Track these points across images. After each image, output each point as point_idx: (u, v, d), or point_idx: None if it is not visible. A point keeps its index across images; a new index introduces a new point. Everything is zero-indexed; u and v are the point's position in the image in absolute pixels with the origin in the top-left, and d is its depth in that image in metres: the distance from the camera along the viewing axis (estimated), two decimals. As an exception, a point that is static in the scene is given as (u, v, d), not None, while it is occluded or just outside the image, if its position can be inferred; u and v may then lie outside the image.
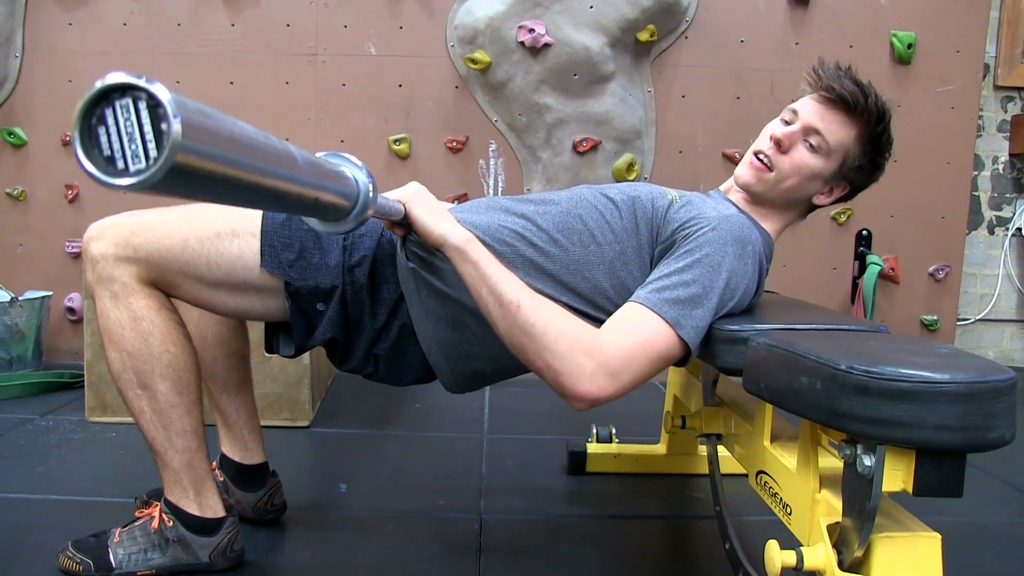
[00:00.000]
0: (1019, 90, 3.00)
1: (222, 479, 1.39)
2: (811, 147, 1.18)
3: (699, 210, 1.15)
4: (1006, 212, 3.09)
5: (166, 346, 1.13)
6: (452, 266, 1.04)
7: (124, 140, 0.49)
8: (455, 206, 1.24)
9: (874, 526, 0.79)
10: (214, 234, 1.13)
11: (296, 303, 1.15)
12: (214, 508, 1.20)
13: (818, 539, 0.87)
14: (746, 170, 1.24)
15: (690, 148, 2.75)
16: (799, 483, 0.96)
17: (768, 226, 1.25)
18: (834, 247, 2.83)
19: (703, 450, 1.76)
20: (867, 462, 0.78)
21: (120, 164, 0.49)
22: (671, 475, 1.77)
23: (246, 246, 1.14)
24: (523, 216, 1.17)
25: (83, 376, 2.07)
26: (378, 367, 1.20)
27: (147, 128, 0.48)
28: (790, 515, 0.98)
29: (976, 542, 1.47)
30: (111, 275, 1.11)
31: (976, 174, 3.02)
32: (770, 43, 2.71)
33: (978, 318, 3.12)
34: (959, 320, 3.04)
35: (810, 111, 1.19)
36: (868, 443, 0.78)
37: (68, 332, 2.76)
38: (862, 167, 1.21)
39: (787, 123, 1.21)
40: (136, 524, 1.21)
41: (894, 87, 2.72)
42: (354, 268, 1.16)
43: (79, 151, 0.49)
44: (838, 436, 0.84)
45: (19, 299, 2.47)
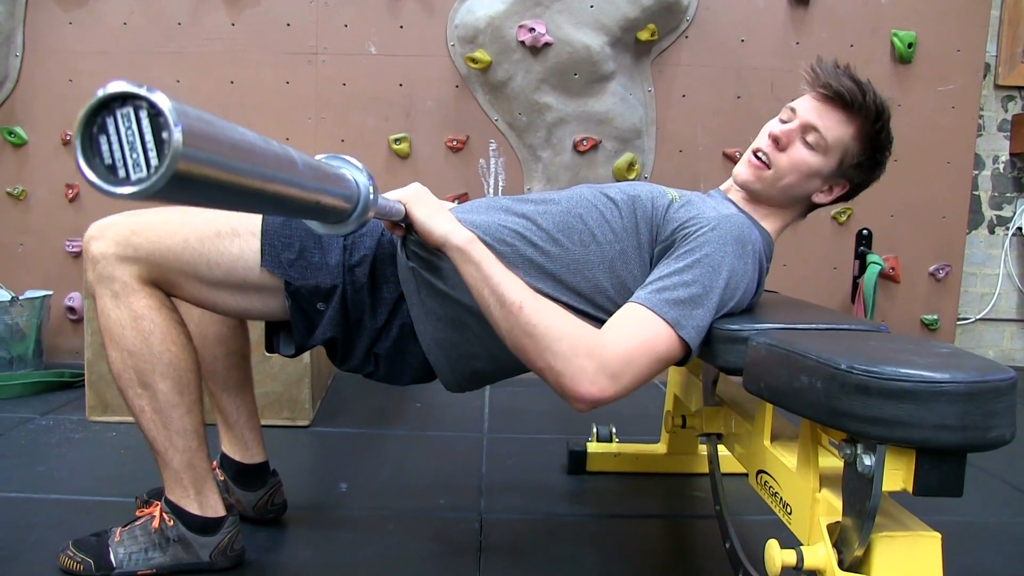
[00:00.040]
0: (1019, 89, 3.00)
1: (223, 478, 1.39)
2: (809, 144, 1.18)
3: (699, 210, 1.15)
4: (1006, 211, 3.09)
5: (167, 345, 1.13)
6: (453, 266, 1.04)
7: (125, 149, 0.49)
8: (456, 206, 1.24)
9: (874, 525, 0.79)
10: (214, 233, 1.13)
11: (296, 302, 1.15)
12: (215, 507, 1.20)
13: (818, 538, 0.88)
14: (744, 168, 1.24)
15: (690, 147, 2.75)
16: (799, 482, 0.96)
17: (768, 225, 1.25)
18: (834, 246, 2.82)
19: (703, 449, 1.76)
20: (867, 461, 0.78)
21: (121, 173, 0.49)
22: (671, 474, 1.77)
23: (246, 245, 1.14)
24: (523, 216, 1.17)
25: (83, 375, 2.07)
26: (378, 366, 1.20)
27: (148, 137, 0.48)
28: (790, 514, 0.99)
29: (976, 541, 1.47)
30: (112, 274, 1.11)
31: (976, 173, 3.02)
32: (770, 42, 2.71)
33: (978, 317, 3.12)
34: (959, 320, 3.04)
35: (808, 109, 1.19)
36: (868, 442, 0.78)
37: (68, 331, 2.77)
38: (861, 164, 1.21)
39: (785, 122, 1.21)
40: (137, 523, 1.22)
41: (895, 86, 2.72)
42: (354, 267, 1.16)
43: (80, 160, 0.49)
44: (838, 435, 0.84)
45: (19, 298, 2.47)
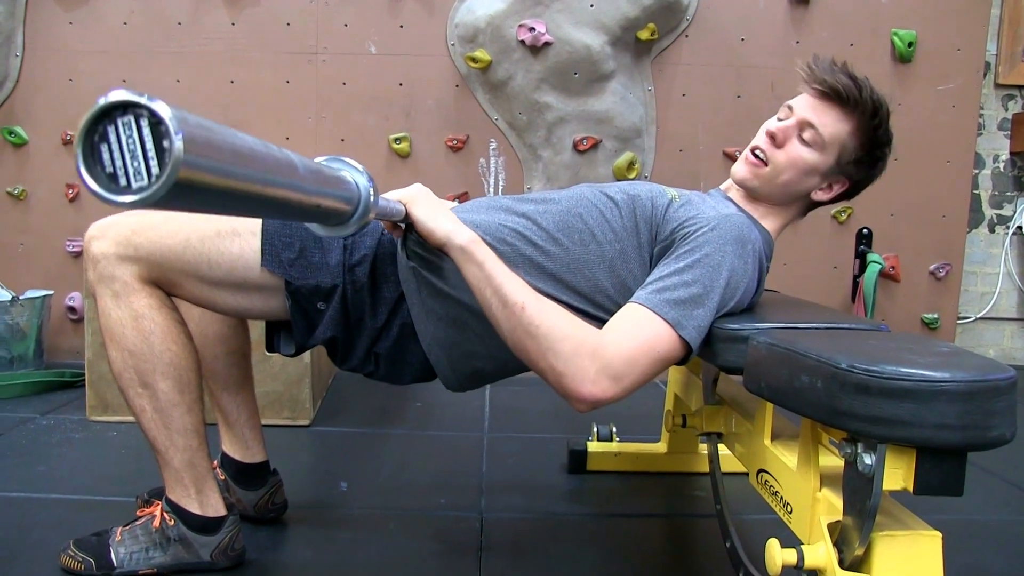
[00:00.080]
0: (1020, 88, 3.00)
1: (223, 478, 1.39)
2: (806, 141, 1.18)
3: (698, 209, 1.15)
4: (1007, 210, 3.09)
5: (167, 345, 1.13)
6: (454, 266, 1.04)
7: (126, 157, 0.49)
8: (456, 205, 1.24)
9: (875, 525, 0.79)
10: (215, 233, 1.13)
11: (297, 302, 1.15)
12: (215, 507, 1.20)
13: (819, 538, 0.88)
14: (742, 166, 1.24)
15: (690, 147, 2.75)
16: (800, 482, 0.96)
17: (768, 224, 1.25)
18: (835, 246, 2.82)
19: (704, 449, 1.76)
20: (868, 461, 0.78)
21: (123, 181, 0.49)
22: (672, 473, 1.77)
23: (247, 245, 1.14)
24: (524, 215, 1.17)
25: (84, 375, 2.07)
26: (379, 366, 1.20)
27: (149, 145, 0.48)
28: (791, 514, 0.99)
29: (977, 541, 1.47)
30: (112, 274, 1.11)
31: (977, 172, 3.02)
32: (771, 41, 2.71)
33: (979, 316, 3.12)
34: (960, 318, 3.04)
35: (804, 106, 1.19)
36: (869, 442, 0.78)
37: (69, 331, 2.77)
38: (860, 161, 1.20)
39: (782, 120, 1.22)
40: (137, 523, 1.22)
41: (895, 85, 2.72)
42: (355, 267, 1.16)
43: (82, 168, 0.49)
44: (839, 435, 0.84)
45: (20, 298, 2.47)
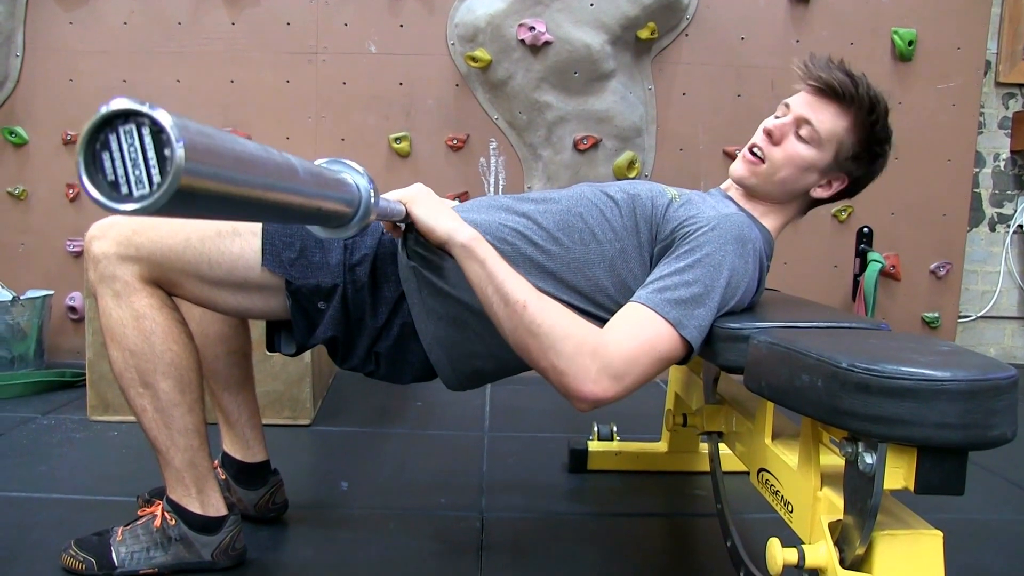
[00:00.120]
0: (1020, 87, 3.00)
1: (224, 477, 1.39)
2: (803, 138, 1.19)
3: (698, 209, 1.15)
4: (1007, 209, 3.09)
5: (168, 345, 1.13)
6: (455, 264, 1.04)
7: (128, 165, 0.49)
8: (457, 205, 1.24)
9: (875, 524, 0.79)
10: (215, 233, 1.13)
11: (297, 302, 1.15)
12: (216, 506, 1.20)
13: (820, 537, 0.88)
14: (740, 164, 1.25)
15: (691, 146, 2.75)
16: (800, 481, 0.96)
17: (768, 223, 1.25)
18: (835, 244, 2.82)
19: (704, 448, 1.76)
20: (868, 460, 0.78)
21: (124, 189, 0.49)
22: (672, 473, 1.77)
23: (247, 245, 1.14)
24: (524, 215, 1.17)
25: (85, 375, 2.07)
26: (379, 365, 1.20)
27: (150, 154, 0.48)
28: (791, 513, 0.99)
29: (978, 540, 1.47)
30: (113, 274, 1.11)
31: (977, 171, 3.02)
32: (771, 41, 2.71)
33: (979, 315, 3.12)
34: (960, 317, 3.04)
35: (800, 102, 1.20)
36: (869, 441, 0.78)
37: (69, 331, 2.77)
38: (859, 157, 1.21)
39: (780, 118, 1.22)
40: (138, 522, 1.22)
41: (895, 84, 2.72)
42: (355, 267, 1.16)
43: (83, 176, 0.49)
44: (839, 434, 0.84)
45: (20, 298, 2.47)
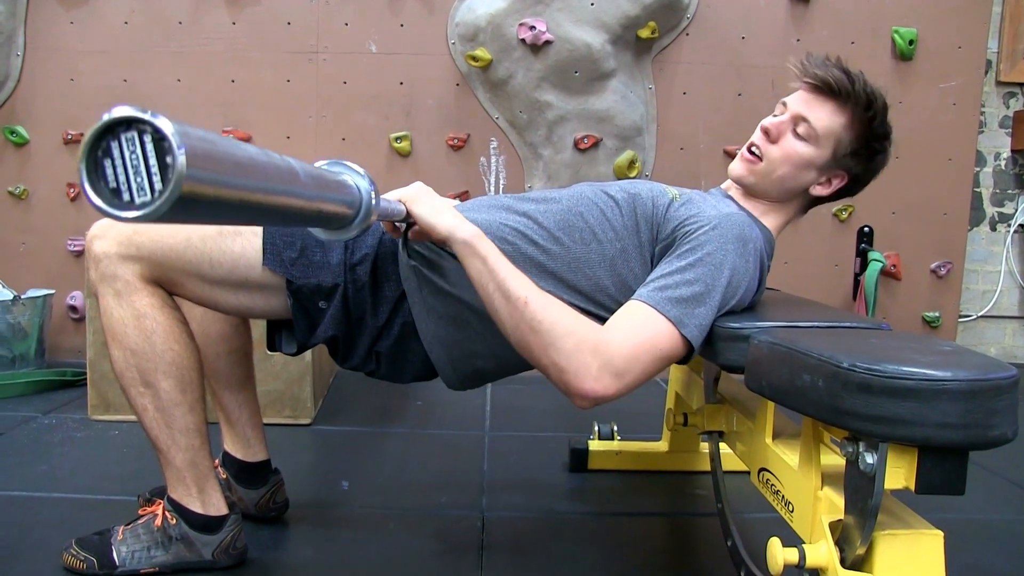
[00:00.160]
0: (1021, 86, 2.99)
1: (225, 476, 1.39)
2: (800, 135, 1.19)
3: (699, 208, 1.15)
4: (1008, 208, 3.08)
5: (169, 344, 1.13)
6: (455, 264, 1.04)
7: (130, 173, 0.49)
8: (458, 204, 1.24)
9: (876, 524, 0.79)
10: (216, 232, 1.14)
11: (298, 301, 1.15)
12: (217, 506, 1.20)
13: (820, 536, 0.88)
14: (738, 163, 1.26)
15: (691, 145, 2.75)
16: (801, 480, 0.96)
17: (768, 222, 1.25)
18: (836, 244, 2.82)
19: (705, 447, 1.76)
20: (869, 460, 0.78)
21: (126, 197, 0.49)
22: (673, 472, 1.77)
23: (248, 244, 1.14)
24: (525, 214, 1.17)
25: (85, 374, 2.08)
26: (380, 364, 1.20)
27: (152, 161, 0.48)
28: (792, 512, 0.99)
29: (978, 540, 1.47)
30: (114, 273, 1.11)
31: (978, 170, 3.02)
32: (771, 40, 2.71)
33: (980, 315, 3.12)
34: (961, 317, 3.04)
35: (797, 100, 1.20)
36: (870, 441, 0.78)
37: (70, 330, 2.77)
38: (857, 153, 1.21)
39: (777, 116, 1.23)
40: (139, 522, 1.22)
41: (896, 84, 2.72)
42: (356, 266, 1.16)
43: (85, 183, 0.49)
44: (840, 434, 0.84)
45: (21, 297, 2.47)
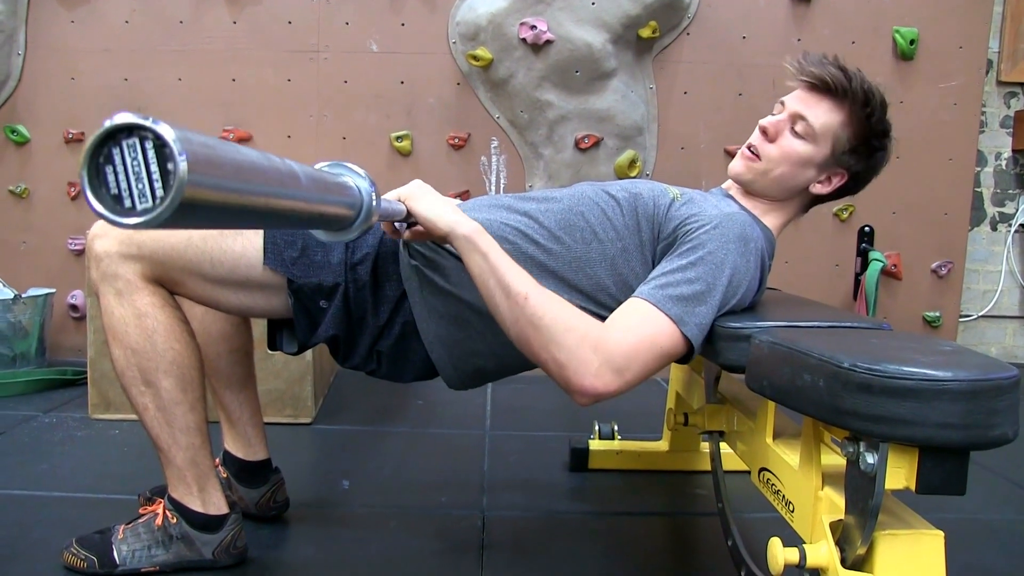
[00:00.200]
0: (1022, 85, 2.99)
1: (225, 475, 1.40)
2: (798, 134, 1.20)
3: (700, 208, 1.15)
4: (1009, 208, 3.08)
5: (170, 343, 1.13)
6: (456, 263, 1.04)
7: (131, 179, 0.49)
8: (458, 203, 1.24)
9: (877, 524, 0.79)
10: (217, 232, 1.14)
11: (299, 300, 1.15)
12: (217, 505, 1.20)
13: (821, 536, 0.88)
14: (737, 162, 1.26)
15: (692, 145, 2.75)
16: (802, 480, 0.96)
17: (769, 222, 1.25)
18: (836, 244, 2.82)
19: (705, 447, 1.76)
20: (870, 460, 0.78)
21: (127, 203, 0.49)
22: (673, 472, 1.77)
23: (249, 243, 1.14)
24: (525, 214, 1.17)
25: (86, 373, 2.08)
26: (381, 364, 1.21)
27: (154, 168, 0.49)
28: (793, 512, 0.99)
29: (979, 539, 1.47)
30: (115, 272, 1.11)
31: (979, 170, 3.01)
32: (772, 39, 2.71)
33: (981, 314, 3.12)
34: (962, 316, 3.04)
35: (795, 99, 1.21)
36: (871, 441, 0.78)
37: (71, 329, 2.77)
38: (856, 151, 1.21)
39: (775, 115, 1.23)
40: (140, 521, 1.22)
41: (897, 83, 2.72)
42: (357, 265, 1.16)
43: (87, 190, 0.49)
44: (841, 433, 0.84)
45: (22, 296, 2.47)
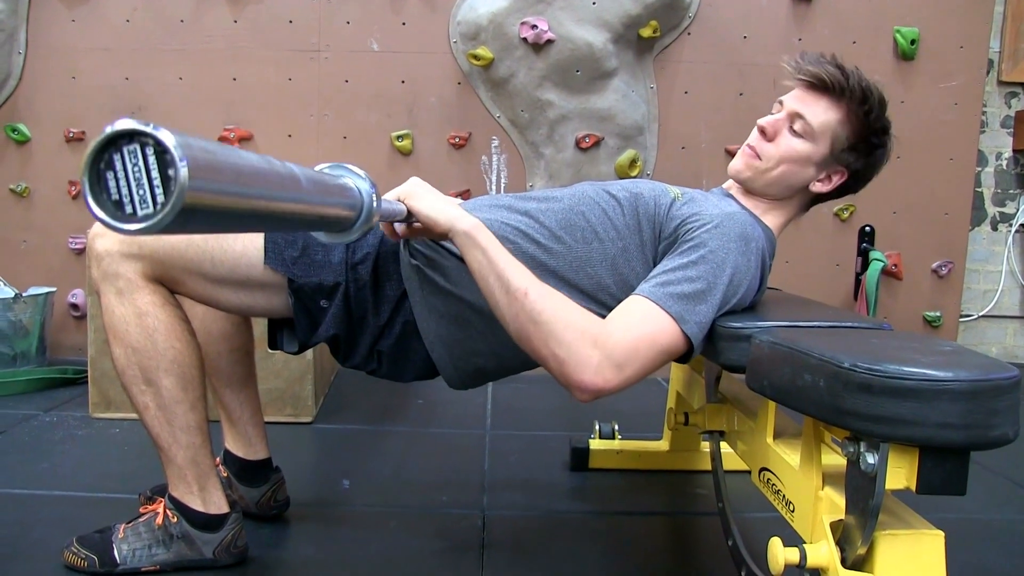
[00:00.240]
0: (1023, 85, 2.99)
1: (226, 475, 1.40)
2: (796, 132, 1.20)
3: (701, 207, 1.15)
4: (1009, 208, 3.08)
5: (171, 342, 1.13)
6: (457, 263, 1.04)
7: (132, 185, 0.49)
8: (459, 203, 1.24)
9: (877, 524, 0.79)
10: (218, 231, 1.14)
11: (300, 300, 1.15)
12: (218, 504, 1.20)
13: (821, 536, 0.88)
14: (737, 161, 1.26)
15: (693, 144, 2.75)
16: (802, 480, 0.96)
17: (770, 221, 1.25)
18: (837, 243, 2.82)
19: (706, 447, 1.76)
20: (870, 460, 0.78)
21: (128, 209, 0.49)
22: (674, 471, 1.77)
23: (250, 243, 1.14)
24: (526, 213, 1.17)
25: (87, 372, 2.08)
26: (381, 363, 1.21)
27: (154, 174, 0.49)
28: (793, 512, 0.99)
29: (979, 539, 1.47)
30: (116, 271, 1.11)
31: (979, 170, 3.01)
32: (773, 39, 2.70)
33: (981, 314, 3.12)
34: (962, 316, 3.04)
35: (793, 98, 1.21)
36: (871, 441, 0.78)
37: (72, 328, 2.77)
38: (855, 149, 1.21)
39: (774, 114, 1.23)
40: (140, 520, 1.22)
41: (897, 83, 2.72)
42: (357, 265, 1.16)
43: (88, 196, 0.49)
44: (841, 433, 0.84)
45: (23, 295, 2.47)
